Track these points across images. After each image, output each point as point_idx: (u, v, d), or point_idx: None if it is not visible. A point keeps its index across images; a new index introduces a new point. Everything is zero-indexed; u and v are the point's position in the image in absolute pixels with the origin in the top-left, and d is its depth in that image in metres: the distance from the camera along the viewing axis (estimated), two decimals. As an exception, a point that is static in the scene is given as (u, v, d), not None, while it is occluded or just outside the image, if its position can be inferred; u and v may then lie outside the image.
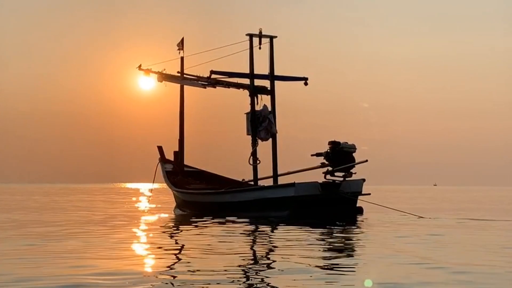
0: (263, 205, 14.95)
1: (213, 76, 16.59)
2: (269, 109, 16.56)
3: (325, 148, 15.40)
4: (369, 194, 15.82)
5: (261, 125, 16.18)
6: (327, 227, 11.84)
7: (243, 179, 18.18)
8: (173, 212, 18.58)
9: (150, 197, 25.19)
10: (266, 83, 17.06)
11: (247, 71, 16.96)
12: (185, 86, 18.86)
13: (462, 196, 42.51)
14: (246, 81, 17.04)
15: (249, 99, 16.74)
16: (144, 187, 78.38)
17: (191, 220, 14.03)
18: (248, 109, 16.71)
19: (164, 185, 19.74)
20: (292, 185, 14.64)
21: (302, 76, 17.31)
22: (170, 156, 19.50)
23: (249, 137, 16.58)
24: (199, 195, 17.02)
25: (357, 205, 15.30)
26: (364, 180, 15.35)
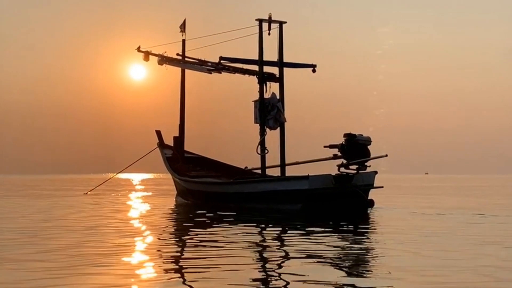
0: (274, 198, 14.57)
1: (222, 62, 16.04)
2: (278, 97, 16.11)
3: (333, 136, 15.09)
4: (382, 187, 15.57)
5: (269, 113, 15.72)
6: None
7: (246, 167, 17.79)
8: (175, 200, 18.16)
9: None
10: (273, 69, 16.57)
11: (254, 56, 16.42)
12: (186, 71, 18.33)
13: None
14: (252, 66, 16.54)
15: (257, 86, 16.22)
16: (137, 177, 77.42)
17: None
18: (256, 96, 16.21)
19: (156, 175, 19.38)
20: (306, 177, 14.25)
21: (310, 63, 16.89)
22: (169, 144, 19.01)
23: (257, 125, 16.12)
24: (205, 184, 16.55)
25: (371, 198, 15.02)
26: (376, 172, 15.03)
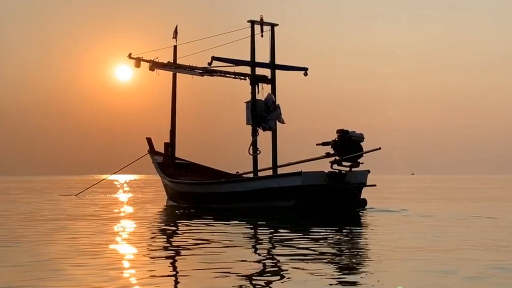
0: (268, 195, 14.46)
1: (214, 62, 16.04)
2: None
3: (325, 138, 15.03)
4: (375, 185, 15.53)
5: (269, 114, 15.69)
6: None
7: (237, 172, 17.69)
8: (166, 203, 18.00)
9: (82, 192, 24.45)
10: (265, 71, 16.61)
11: (246, 59, 16.47)
12: (178, 75, 18.34)
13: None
14: (244, 69, 16.57)
15: (248, 88, 16.24)
16: (123, 178, 76.93)
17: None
18: (247, 98, 16.21)
19: (143, 176, 19.31)
20: (299, 174, 14.18)
21: (302, 66, 16.96)
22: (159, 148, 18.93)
23: (249, 127, 16.08)
24: (197, 185, 16.43)
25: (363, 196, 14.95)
26: (369, 171, 14.98)
